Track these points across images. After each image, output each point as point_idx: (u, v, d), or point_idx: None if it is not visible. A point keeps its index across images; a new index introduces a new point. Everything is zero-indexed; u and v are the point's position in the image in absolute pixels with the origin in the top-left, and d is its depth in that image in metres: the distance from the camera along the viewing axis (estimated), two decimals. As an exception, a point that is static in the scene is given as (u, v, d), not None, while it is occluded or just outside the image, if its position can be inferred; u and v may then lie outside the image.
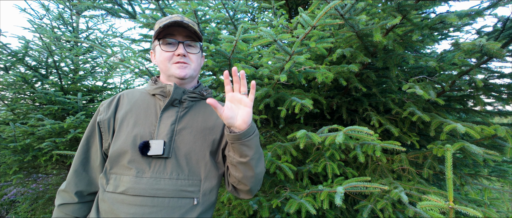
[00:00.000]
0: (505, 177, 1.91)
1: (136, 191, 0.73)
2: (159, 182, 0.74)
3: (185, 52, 0.83)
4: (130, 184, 0.73)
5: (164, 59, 0.83)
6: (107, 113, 0.83)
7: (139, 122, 0.81)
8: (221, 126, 0.89)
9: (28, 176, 3.31)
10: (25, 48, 2.78)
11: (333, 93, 2.08)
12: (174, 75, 0.83)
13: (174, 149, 0.79)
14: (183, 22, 0.79)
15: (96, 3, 1.93)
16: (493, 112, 1.85)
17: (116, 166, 0.77)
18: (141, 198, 0.72)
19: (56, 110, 2.77)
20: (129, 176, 0.75)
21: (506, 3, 1.34)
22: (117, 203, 0.73)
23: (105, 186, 0.77)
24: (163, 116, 0.82)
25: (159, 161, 0.77)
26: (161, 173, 0.76)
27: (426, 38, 1.73)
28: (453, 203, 0.81)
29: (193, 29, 0.82)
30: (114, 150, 0.77)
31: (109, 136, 0.82)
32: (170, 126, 0.81)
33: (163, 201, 0.73)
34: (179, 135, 0.81)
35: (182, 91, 0.85)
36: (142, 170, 0.75)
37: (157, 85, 0.87)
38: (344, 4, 1.33)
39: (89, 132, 0.85)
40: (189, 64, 0.85)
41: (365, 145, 1.39)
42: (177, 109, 0.85)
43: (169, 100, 0.82)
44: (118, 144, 0.78)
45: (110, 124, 0.82)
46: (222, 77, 1.83)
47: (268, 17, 2.35)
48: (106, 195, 0.75)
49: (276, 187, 1.57)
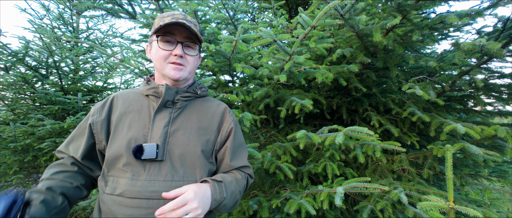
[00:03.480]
0: (505, 178, 1.91)
1: (132, 193, 0.73)
2: (153, 185, 0.75)
3: (183, 53, 0.82)
4: (126, 186, 0.74)
5: (160, 57, 0.82)
6: (101, 115, 0.83)
7: (133, 125, 0.80)
8: (215, 126, 0.88)
9: (28, 176, 3.31)
10: (25, 48, 2.78)
11: (333, 93, 2.08)
12: (168, 75, 0.82)
13: (168, 151, 0.79)
14: (185, 24, 0.78)
15: (96, 4, 1.93)
16: (493, 112, 1.84)
17: (113, 169, 0.78)
18: (137, 200, 0.73)
19: (56, 110, 2.78)
20: (125, 179, 0.75)
21: (506, 3, 1.34)
22: (115, 205, 0.74)
23: (104, 188, 0.77)
24: (156, 118, 0.81)
25: (153, 163, 0.77)
26: (155, 176, 0.76)
27: (426, 38, 1.72)
28: (453, 203, 0.81)
29: (194, 31, 0.81)
30: (110, 154, 0.78)
31: (103, 138, 0.81)
32: (163, 128, 0.80)
33: (159, 203, 0.73)
34: (173, 137, 0.80)
35: (175, 91, 0.84)
36: (137, 173, 0.76)
37: (150, 86, 0.85)
38: (344, 4, 1.33)
39: (77, 132, 0.85)
40: (185, 66, 0.84)
41: (365, 146, 1.38)
42: (170, 110, 0.84)
43: (161, 102, 0.81)
44: (113, 148, 0.78)
45: (103, 126, 0.81)
46: (222, 77, 1.83)
47: (268, 17, 2.35)
48: (105, 197, 0.76)
49: (276, 187, 1.57)
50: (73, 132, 0.86)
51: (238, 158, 0.90)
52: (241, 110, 1.58)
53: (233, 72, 1.85)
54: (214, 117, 0.89)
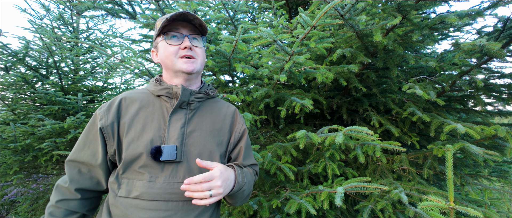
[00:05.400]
0: (505, 178, 1.91)
1: (150, 196, 0.73)
2: (172, 187, 0.74)
3: (191, 45, 0.82)
4: (144, 189, 0.73)
5: (170, 54, 0.81)
6: (109, 118, 0.79)
7: (148, 126, 0.78)
8: (227, 128, 0.89)
9: (28, 176, 3.31)
10: (25, 48, 2.78)
11: (333, 93, 2.08)
12: (181, 70, 0.81)
13: (185, 153, 0.78)
14: (189, 15, 0.79)
15: (97, 4, 1.93)
16: (494, 112, 1.84)
17: (128, 170, 0.76)
18: (155, 202, 0.73)
19: (56, 110, 2.78)
20: (142, 181, 0.74)
21: (506, 3, 1.34)
22: (131, 208, 0.72)
23: (117, 191, 0.75)
24: (172, 119, 0.80)
25: (171, 165, 0.76)
26: (174, 177, 0.75)
27: (426, 38, 1.72)
28: (454, 203, 0.81)
29: (198, 22, 0.81)
30: (127, 155, 0.75)
31: (113, 142, 0.78)
32: (179, 129, 0.79)
33: (177, 205, 0.74)
34: (189, 138, 0.80)
35: (189, 92, 0.83)
36: (155, 175, 0.75)
37: (162, 86, 0.83)
38: (344, 4, 1.33)
39: (90, 136, 0.81)
40: (196, 59, 0.83)
41: (365, 146, 1.39)
42: (185, 111, 0.83)
43: (178, 102, 0.80)
44: (130, 150, 0.75)
45: (113, 130, 0.78)
46: (222, 77, 1.84)
47: (268, 17, 2.35)
48: (118, 200, 0.74)
49: (276, 188, 1.57)
50: (82, 138, 0.81)
51: (249, 157, 0.95)
52: (241, 110, 1.58)
53: (233, 72, 1.85)
54: (225, 119, 0.90)
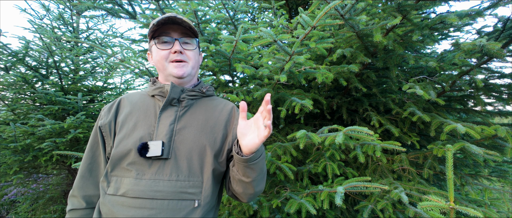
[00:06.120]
0: (505, 177, 1.91)
1: (135, 193, 0.72)
2: (158, 184, 0.73)
3: (182, 48, 0.82)
4: (130, 186, 0.73)
5: (161, 58, 0.82)
6: (108, 117, 0.83)
7: (139, 124, 0.80)
8: (223, 123, 0.86)
9: (28, 176, 3.32)
10: (25, 48, 2.78)
11: (333, 93, 2.08)
12: (172, 74, 0.82)
13: (173, 150, 0.77)
14: (176, 18, 0.79)
15: (96, 4, 1.93)
16: (494, 112, 1.84)
17: (117, 168, 0.77)
18: (140, 200, 0.71)
19: (56, 110, 2.78)
20: (129, 178, 0.74)
21: (507, 3, 1.34)
22: (117, 205, 0.72)
23: (106, 189, 0.76)
24: (162, 116, 0.81)
25: (158, 162, 0.76)
26: (160, 175, 0.74)
27: (426, 38, 1.72)
28: (454, 203, 0.81)
29: (187, 24, 0.81)
30: (115, 153, 0.77)
31: (111, 140, 0.81)
32: (169, 126, 0.79)
33: (162, 203, 0.72)
34: (179, 135, 0.79)
35: (181, 90, 0.84)
36: (142, 171, 0.74)
37: (155, 86, 0.86)
38: (344, 4, 1.33)
39: (93, 137, 0.85)
40: (187, 62, 0.84)
41: (365, 145, 1.39)
42: (176, 108, 0.83)
43: (167, 99, 0.81)
44: (119, 147, 0.77)
45: (111, 128, 0.82)
46: (222, 77, 1.83)
47: (268, 17, 2.35)
48: (106, 198, 0.74)
49: (276, 187, 1.57)
50: (90, 140, 0.87)
51: None
52: (241, 110, 1.57)
53: (233, 72, 1.85)
54: (221, 116, 0.88)
